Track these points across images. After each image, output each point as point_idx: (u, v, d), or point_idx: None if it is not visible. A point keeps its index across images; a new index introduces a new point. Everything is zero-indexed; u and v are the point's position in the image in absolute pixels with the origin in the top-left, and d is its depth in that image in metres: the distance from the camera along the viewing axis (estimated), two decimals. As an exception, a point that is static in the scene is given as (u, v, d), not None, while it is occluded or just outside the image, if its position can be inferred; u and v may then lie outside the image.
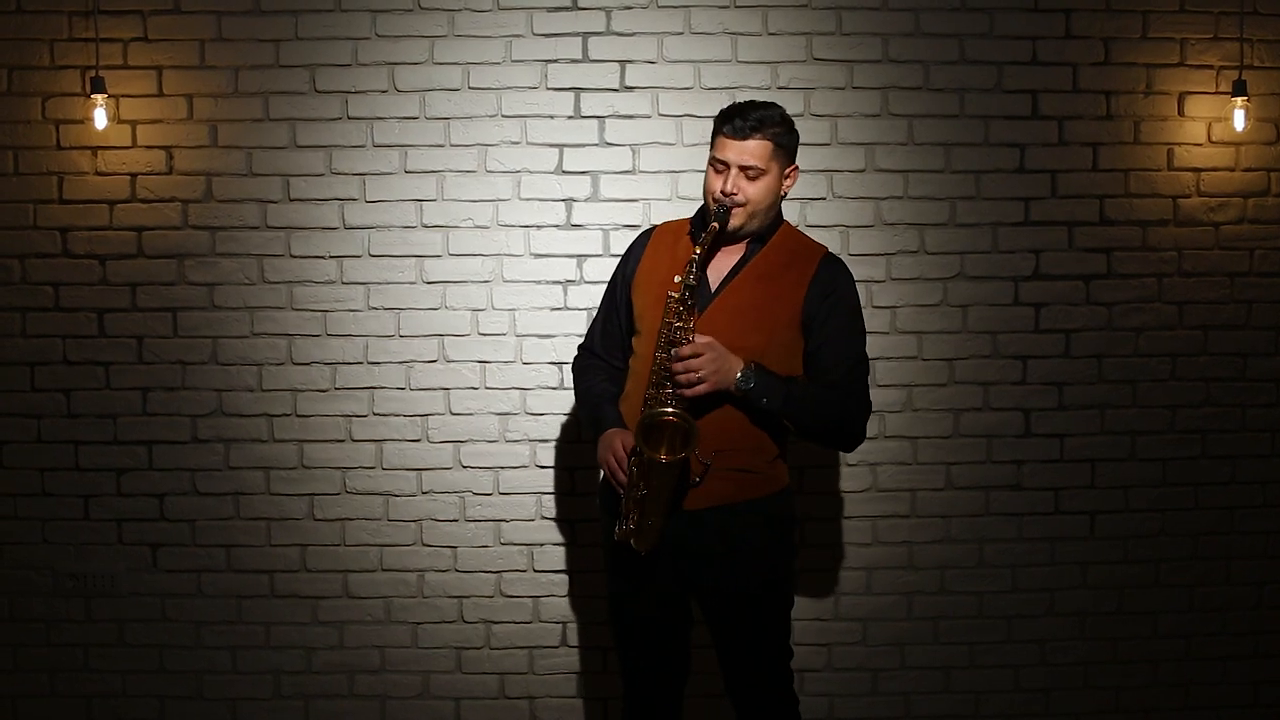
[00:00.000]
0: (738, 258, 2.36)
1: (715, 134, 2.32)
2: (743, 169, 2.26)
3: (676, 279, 2.23)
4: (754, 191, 2.28)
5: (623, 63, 2.96)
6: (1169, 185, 3.03)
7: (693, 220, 2.44)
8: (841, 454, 3.03)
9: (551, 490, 3.04)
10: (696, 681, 2.60)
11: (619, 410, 2.36)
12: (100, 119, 2.88)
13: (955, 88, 2.98)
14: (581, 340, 2.61)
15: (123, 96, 2.93)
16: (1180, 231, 3.04)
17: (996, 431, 3.05)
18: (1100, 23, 2.99)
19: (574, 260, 2.99)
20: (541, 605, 3.05)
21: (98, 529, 3.01)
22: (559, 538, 3.05)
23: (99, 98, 2.86)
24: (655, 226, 2.52)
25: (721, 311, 2.30)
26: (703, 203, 2.38)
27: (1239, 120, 2.95)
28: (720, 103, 2.92)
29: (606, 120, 2.97)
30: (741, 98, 2.92)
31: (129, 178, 2.96)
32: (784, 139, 2.31)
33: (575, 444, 3.02)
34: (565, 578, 3.05)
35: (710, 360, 2.20)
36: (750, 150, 2.26)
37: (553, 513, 3.04)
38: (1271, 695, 3.11)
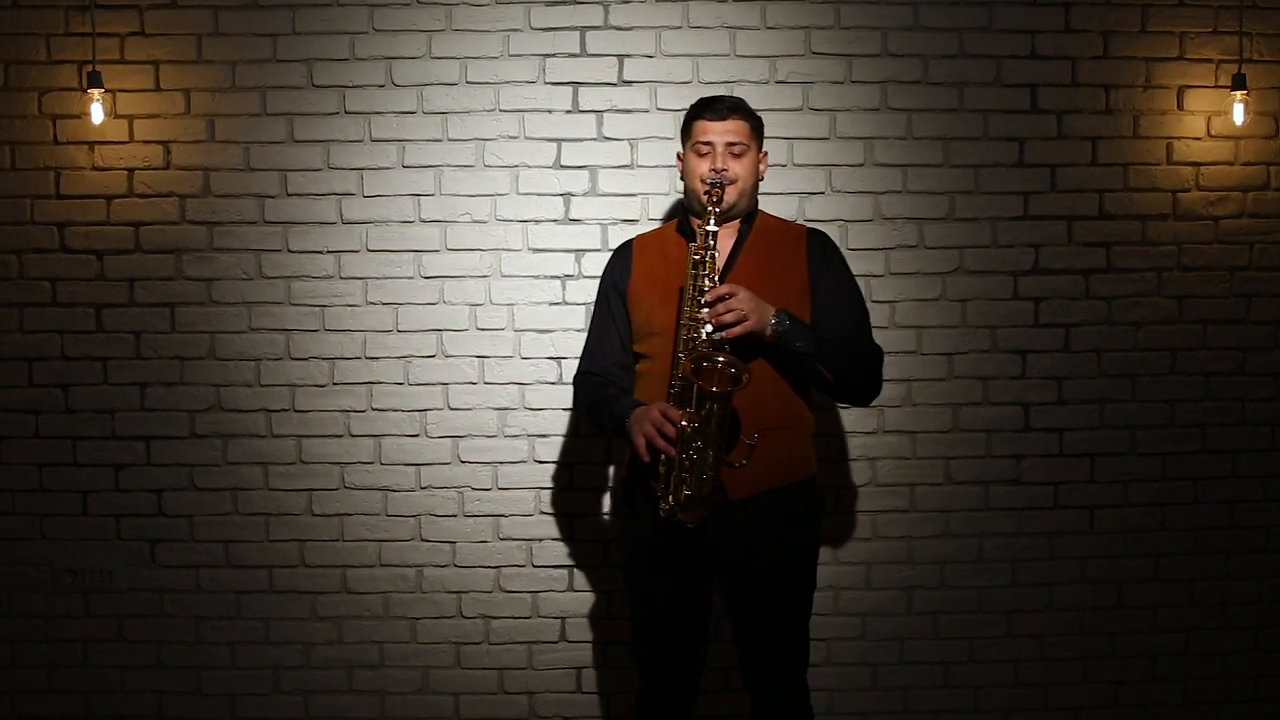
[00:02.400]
0: (732, 240, 2.40)
1: (690, 124, 2.40)
2: (729, 146, 2.35)
3: (697, 246, 2.25)
4: (741, 168, 2.36)
5: (621, 57, 2.96)
6: (1168, 179, 3.02)
7: (679, 224, 2.45)
8: (840, 454, 3.03)
9: (550, 485, 3.03)
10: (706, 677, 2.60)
11: (635, 400, 2.35)
12: (97, 114, 2.87)
13: (954, 82, 2.98)
14: (577, 367, 2.54)
15: (120, 91, 2.93)
16: (1179, 226, 3.03)
17: (996, 426, 3.04)
18: (1099, 17, 2.98)
19: (572, 255, 2.99)
20: (540, 600, 3.05)
21: (96, 524, 3.01)
22: (558, 533, 3.04)
23: (96, 92, 2.86)
24: (629, 241, 2.53)
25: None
26: (681, 200, 2.38)
27: (1238, 114, 2.94)
28: (718, 96, 2.95)
29: (604, 115, 2.96)
30: (740, 92, 2.94)
31: (126, 173, 2.95)
32: (756, 121, 2.42)
33: (574, 438, 3.02)
34: (564, 572, 3.05)
35: (746, 299, 2.22)
36: (732, 128, 2.35)
37: (551, 508, 3.04)
38: (1271, 690, 3.11)
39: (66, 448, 3.00)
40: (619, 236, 2.95)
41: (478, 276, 2.99)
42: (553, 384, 3.00)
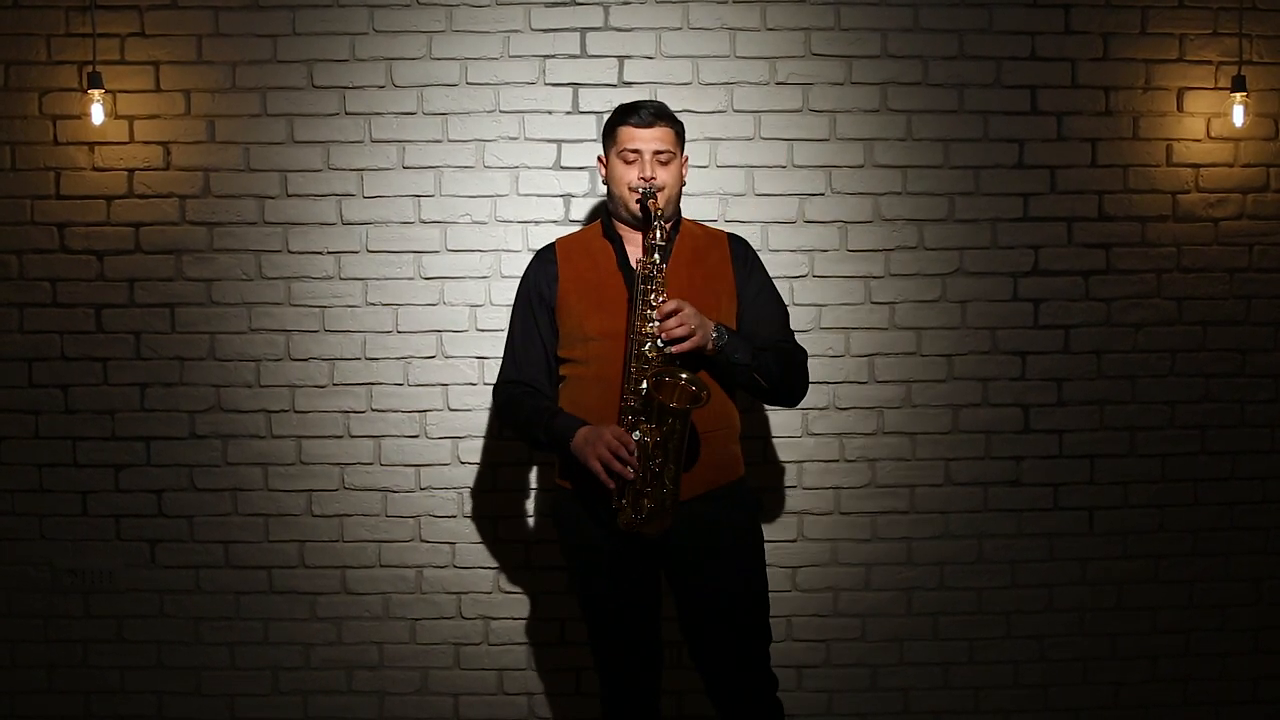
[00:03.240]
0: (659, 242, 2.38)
1: (614, 129, 2.40)
2: (656, 154, 2.36)
3: (647, 258, 2.27)
4: (668, 176, 2.37)
5: (621, 58, 2.96)
6: (1168, 181, 3.03)
7: (603, 226, 2.45)
8: (836, 453, 3.03)
9: (548, 487, 3.03)
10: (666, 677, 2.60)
11: (573, 416, 2.34)
12: (97, 114, 2.87)
13: (954, 83, 2.98)
14: (498, 374, 2.52)
15: (120, 92, 2.93)
16: (1179, 227, 3.04)
17: (995, 427, 3.04)
18: (1099, 18, 2.98)
19: (572, 256, 2.99)
20: (539, 601, 3.05)
21: (96, 525, 3.01)
22: (556, 534, 3.04)
23: (96, 93, 2.86)
24: (550, 245, 2.51)
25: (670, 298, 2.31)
26: (603, 204, 2.42)
27: (1238, 116, 2.95)
28: (718, 97, 2.95)
29: (604, 116, 2.95)
30: (740, 93, 2.94)
31: (126, 173, 2.95)
32: (680, 127, 2.44)
33: (574, 440, 3.02)
34: (562, 573, 3.05)
35: (693, 314, 2.25)
36: (659, 135, 2.37)
37: (550, 508, 3.03)
38: (1270, 691, 3.11)
39: (66, 448, 3.00)
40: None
41: (478, 277, 2.99)
42: (552, 385, 3.00)
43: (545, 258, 2.49)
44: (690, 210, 2.95)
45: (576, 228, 2.98)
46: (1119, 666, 3.09)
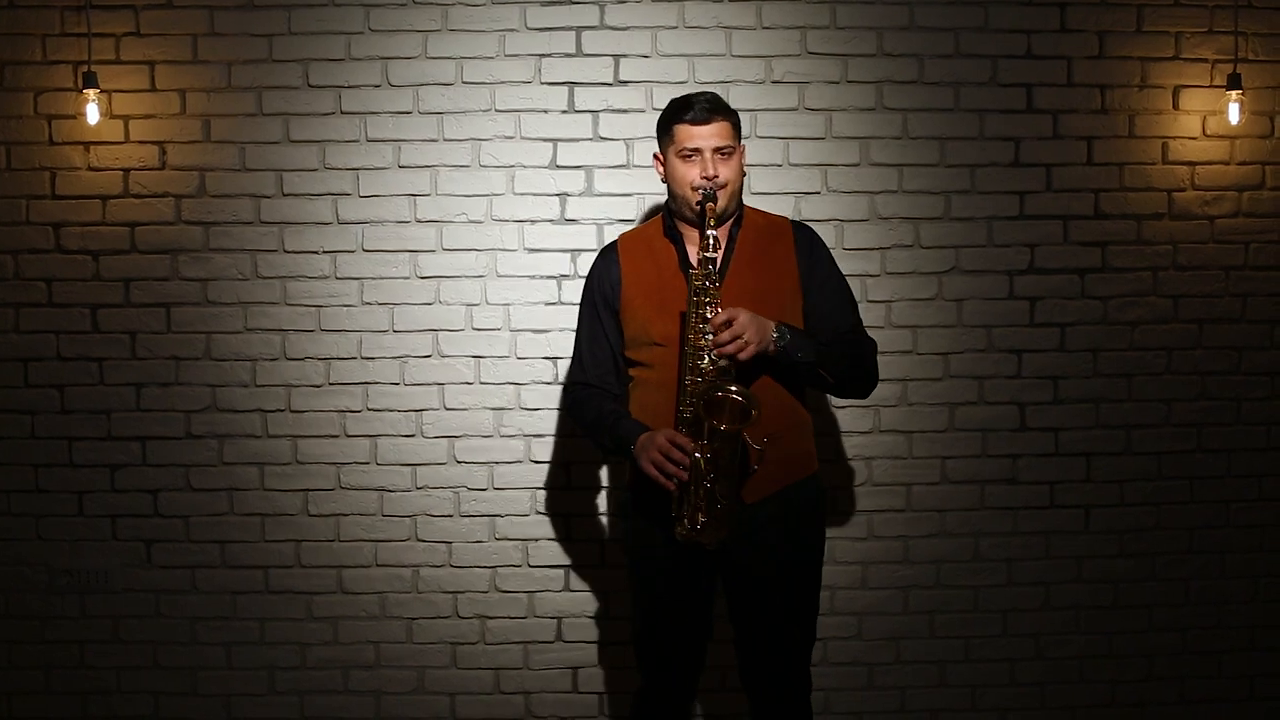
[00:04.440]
0: (724, 244, 2.35)
1: (670, 127, 2.33)
2: (716, 150, 2.29)
3: (702, 266, 2.23)
4: (729, 171, 2.31)
5: (616, 57, 2.96)
6: (1164, 179, 3.03)
7: (664, 224, 2.42)
8: (833, 452, 3.03)
9: (546, 485, 3.03)
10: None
11: (637, 421, 2.33)
12: (93, 114, 2.87)
13: (950, 81, 2.98)
14: (568, 375, 2.55)
15: (115, 91, 2.92)
16: (1175, 225, 3.04)
17: (992, 425, 3.05)
18: (1095, 16, 2.98)
19: (568, 255, 2.99)
20: (536, 600, 3.05)
21: (92, 525, 3.01)
22: (554, 533, 3.04)
23: (91, 93, 2.86)
24: (614, 243, 2.49)
25: (729, 297, 2.28)
26: (664, 203, 2.39)
27: (1233, 114, 2.95)
28: (714, 96, 2.94)
29: (600, 114, 2.96)
30: (736, 91, 2.94)
31: (122, 173, 2.95)
32: (736, 119, 2.37)
33: (570, 438, 3.02)
34: (560, 573, 3.05)
35: (748, 321, 2.20)
36: (718, 130, 2.30)
37: (547, 508, 3.04)
38: (1267, 689, 3.11)
39: (62, 448, 2.99)
40: (615, 236, 2.95)
41: (474, 277, 2.99)
42: (548, 384, 3.00)
43: (608, 257, 2.46)
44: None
45: (572, 227, 2.98)
46: (1115, 664, 3.09)
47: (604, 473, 3.04)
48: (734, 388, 2.20)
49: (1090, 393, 3.04)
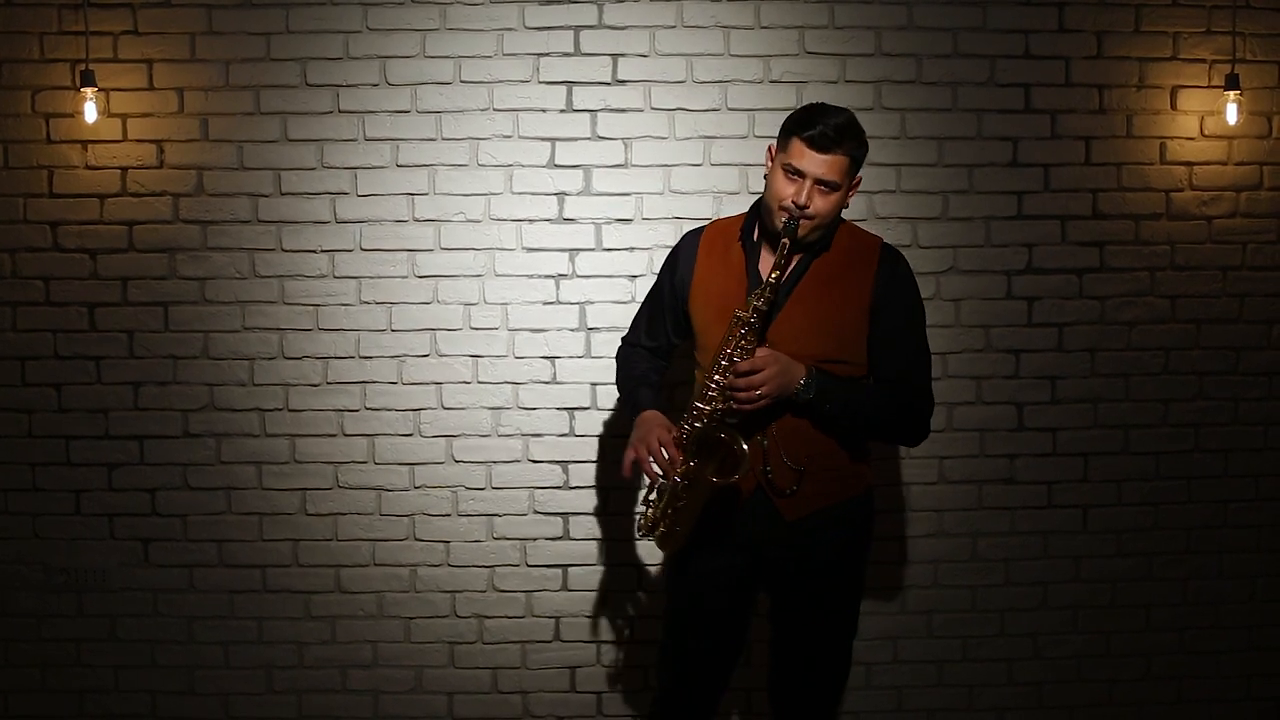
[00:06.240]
0: (798, 260, 2.29)
1: (789, 135, 2.21)
2: (819, 181, 2.17)
3: (751, 303, 2.18)
4: (826, 206, 2.19)
5: (615, 56, 2.96)
6: (1161, 179, 3.03)
7: (745, 223, 2.36)
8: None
9: (544, 485, 3.03)
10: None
11: (658, 395, 2.35)
12: (90, 113, 2.86)
13: (948, 81, 2.98)
14: (627, 334, 2.59)
15: (113, 90, 2.92)
16: (1173, 225, 3.04)
17: (989, 425, 3.05)
18: (1093, 16, 2.98)
19: (566, 254, 2.99)
20: (534, 600, 3.05)
21: (89, 524, 3.00)
22: (552, 532, 3.04)
23: (89, 91, 2.85)
24: (704, 227, 2.45)
25: (789, 321, 2.25)
26: (759, 201, 2.33)
27: (1231, 114, 2.95)
28: (712, 96, 2.95)
29: (598, 114, 2.96)
30: (734, 91, 2.94)
31: (119, 172, 2.95)
32: (859, 154, 2.22)
33: (568, 438, 3.02)
34: (558, 572, 3.05)
35: (772, 374, 2.15)
36: (830, 165, 2.17)
37: (545, 507, 3.04)
38: (1264, 689, 3.12)
39: (59, 447, 2.99)
40: (613, 236, 2.96)
41: (471, 276, 2.99)
42: (546, 383, 3.00)
43: (691, 239, 2.42)
44: (685, 208, 2.96)
45: (570, 226, 2.98)
46: (1113, 664, 3.09)
47: (601, 471, 3.04)
48: (723, 434, 2.20)
49: (1088, 393, 3.05)
